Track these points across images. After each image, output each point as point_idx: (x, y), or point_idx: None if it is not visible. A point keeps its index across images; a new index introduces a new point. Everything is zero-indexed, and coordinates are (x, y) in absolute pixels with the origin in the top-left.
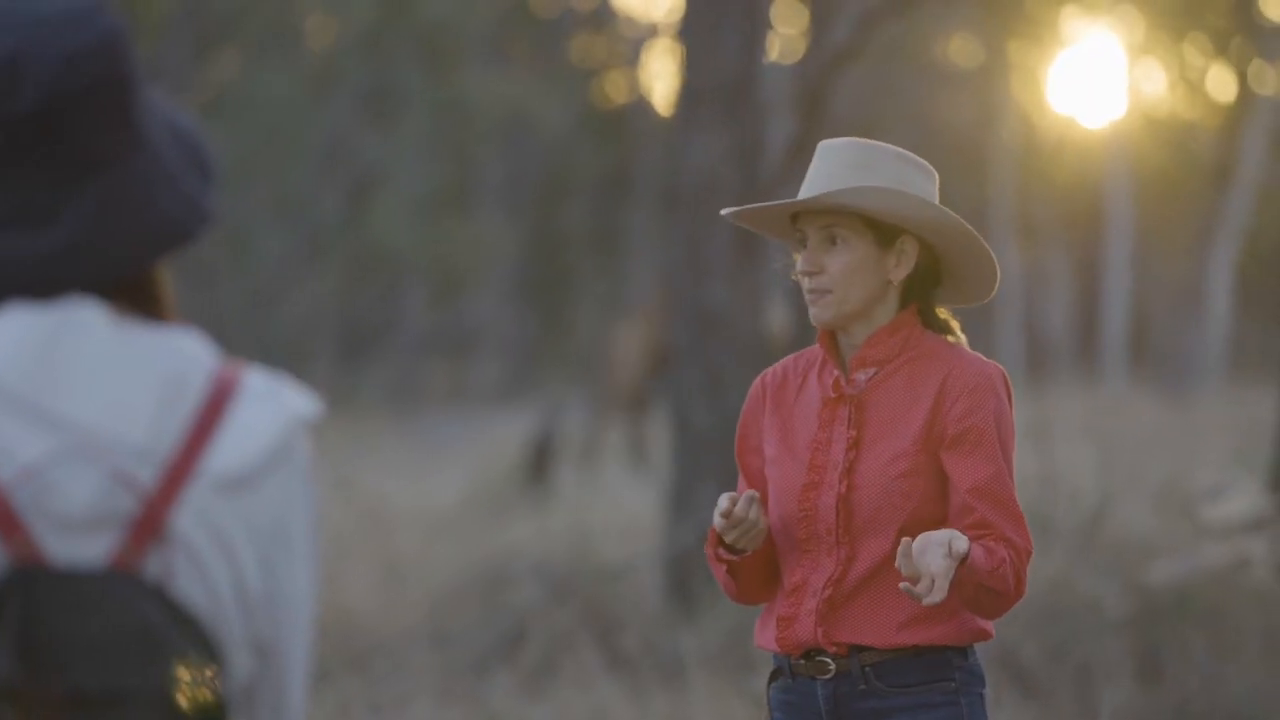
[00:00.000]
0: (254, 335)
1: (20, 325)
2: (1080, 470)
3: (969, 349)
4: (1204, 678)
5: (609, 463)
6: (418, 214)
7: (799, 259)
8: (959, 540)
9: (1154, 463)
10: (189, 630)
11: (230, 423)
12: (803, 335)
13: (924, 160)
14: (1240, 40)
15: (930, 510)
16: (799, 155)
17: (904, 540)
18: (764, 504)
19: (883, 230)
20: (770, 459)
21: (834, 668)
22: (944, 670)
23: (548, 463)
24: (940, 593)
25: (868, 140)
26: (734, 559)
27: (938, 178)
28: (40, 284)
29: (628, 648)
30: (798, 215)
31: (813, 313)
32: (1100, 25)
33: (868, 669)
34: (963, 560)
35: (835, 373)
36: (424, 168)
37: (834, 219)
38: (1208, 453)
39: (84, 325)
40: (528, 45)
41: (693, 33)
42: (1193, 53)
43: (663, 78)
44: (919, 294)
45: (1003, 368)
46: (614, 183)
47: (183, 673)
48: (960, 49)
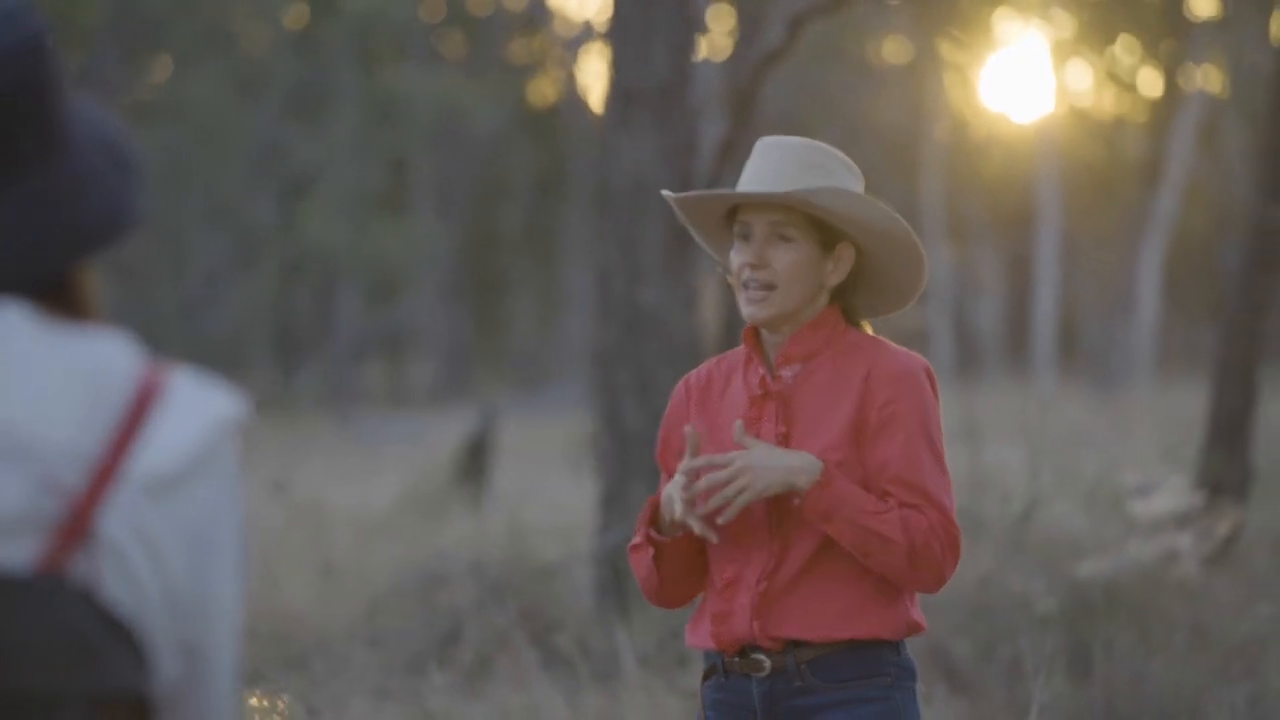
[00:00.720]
0: (189, 338)
1: None
2: (1010, 468)
3: (892, 343)
4: (1132, 672)
5: (546, 463)
6: (351, 215)
7: (738, 254)
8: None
9: (1083, 460)
10: (117, 633)
11: (156, 425)
12: (734, 337)
13: (853, 166)
14: (1168, 39)
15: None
16: (729, 155)
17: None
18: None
19: (827, 233)
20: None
21: (769, 664)
22: (878, 665)
23: (484, 463)
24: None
25: (815, 141)
26: (664, 540)
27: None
28: None
29: (563, 647)
30: (736, 211)
31: (749, 310)
32: (1031, 25)
33: (803, 665)
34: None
35: (761, 370)
36: (357, 169)
37: (784, 216)
38: (1137, 449)
39: (7, 327)
40: (461, 44)
41: (622, 34)
42: (1122, 52)
43: (597, 77)
44: (844, 296)
45: (927, 361)
46: (548, 183)
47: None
48: (891, 48)
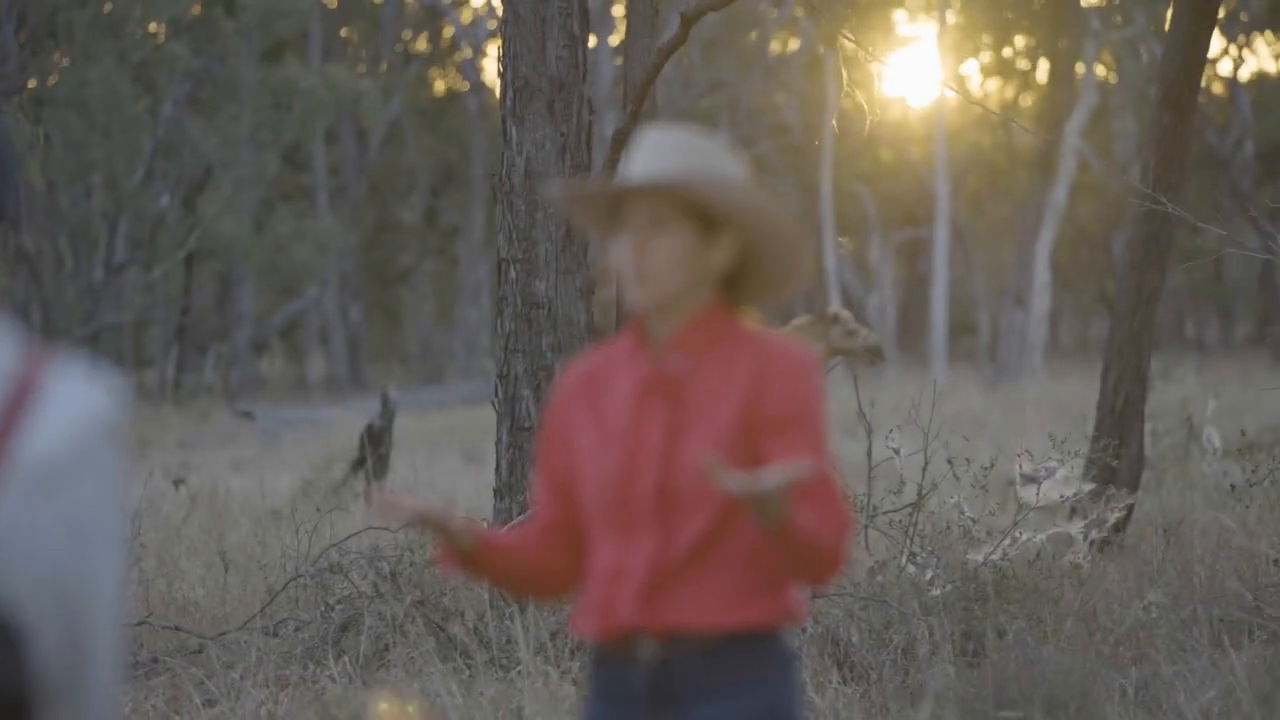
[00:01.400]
0: (91, 331)
1: None
2: (904, 456)
3: (781, 336)
4: (1023, 658)
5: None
6: (250, 208)
7: (620, 243)
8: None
9: (976, 448)
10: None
11: (34, 421)
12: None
13: (740, 154)
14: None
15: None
16: (624, 147)
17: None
18: (560, 495)
19: (708, 219)
20: (583, 449)
21: (653, 653)
22: (761, 653)
23: (382, 453)
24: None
25: (697, 129)
26: (464, 561)
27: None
28: None
29: (459, 636)
30: (622, 201)
31: (632, 296)
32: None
33: (688, 654)
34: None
35: (648, 359)
36: (254, 161)
37: (662, 204)
38: (1029, 438)
39: None
40: (359, 35)
41: (517, 27)
42: (1017, 44)
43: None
44: (731, 282)
45: (814, 351)
46: (448, 175)
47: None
48: (786, 41)
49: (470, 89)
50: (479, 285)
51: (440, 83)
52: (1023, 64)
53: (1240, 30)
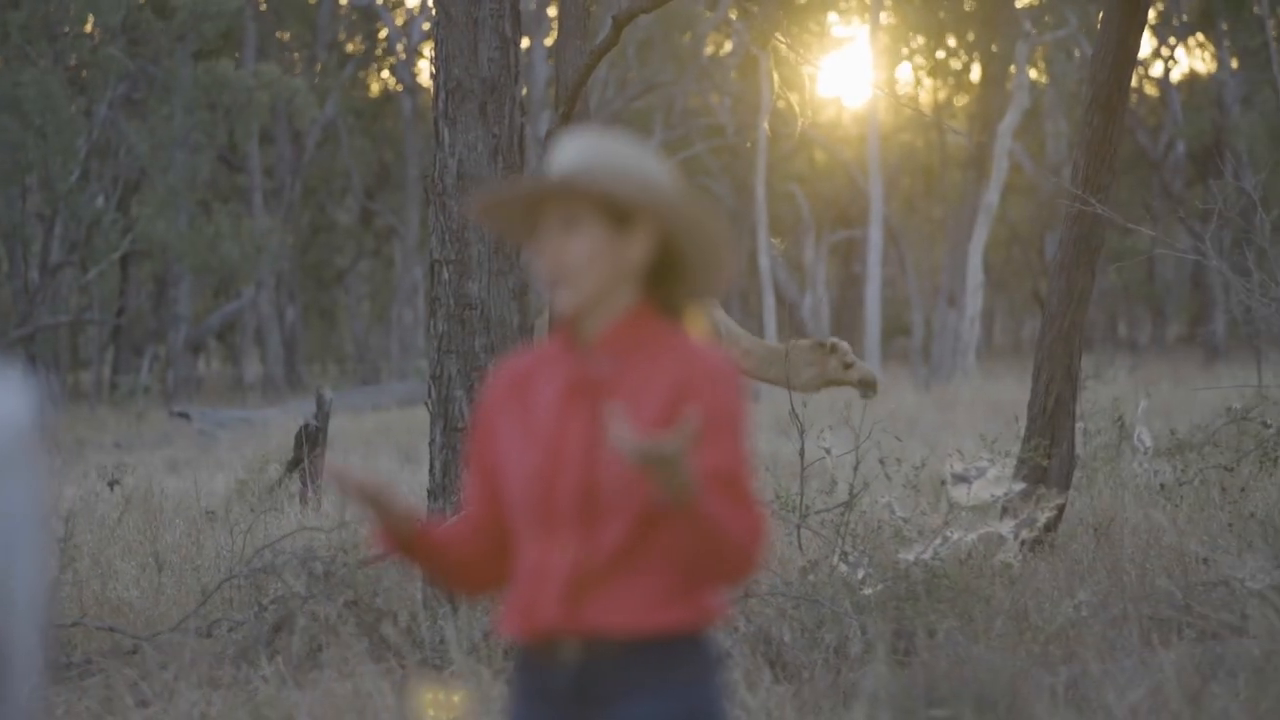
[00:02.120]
0: (27, 332)
1: None
2: (836, 456)
3: (703, 341)
4: (953, 657)
5: (379, 453)
6: (185, 209)
7: (538, 246)
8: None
9: (909, 448)
10: None
11: None
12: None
13: (659, 152)
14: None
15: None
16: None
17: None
18: (488, 495)
19: (619, 217)
20: (510, 448)
21: (576, 654)
22: (683, 655)
23: (317, 454)
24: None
25: (605, 129)
26: (399, 546)
27: (671, 170)
28: None
29: (392, 635)
30: (538, 207)
31: (552, 299)
32: (860, 18)
33: (609, 654)
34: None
35: (575, 359)
36: (190, 162)
37: (572, 204)
38: (961, 437)
39: None
40: (294, 37)
41: (449, 28)
42: (950, 45)
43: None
44: (657, 284)
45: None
46: (383, 175)
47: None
48: (721, 42)
49: (405, 90)
50: (415, 286)
51: (375, 84)
52: (955, 65)
53: (1171, 33)
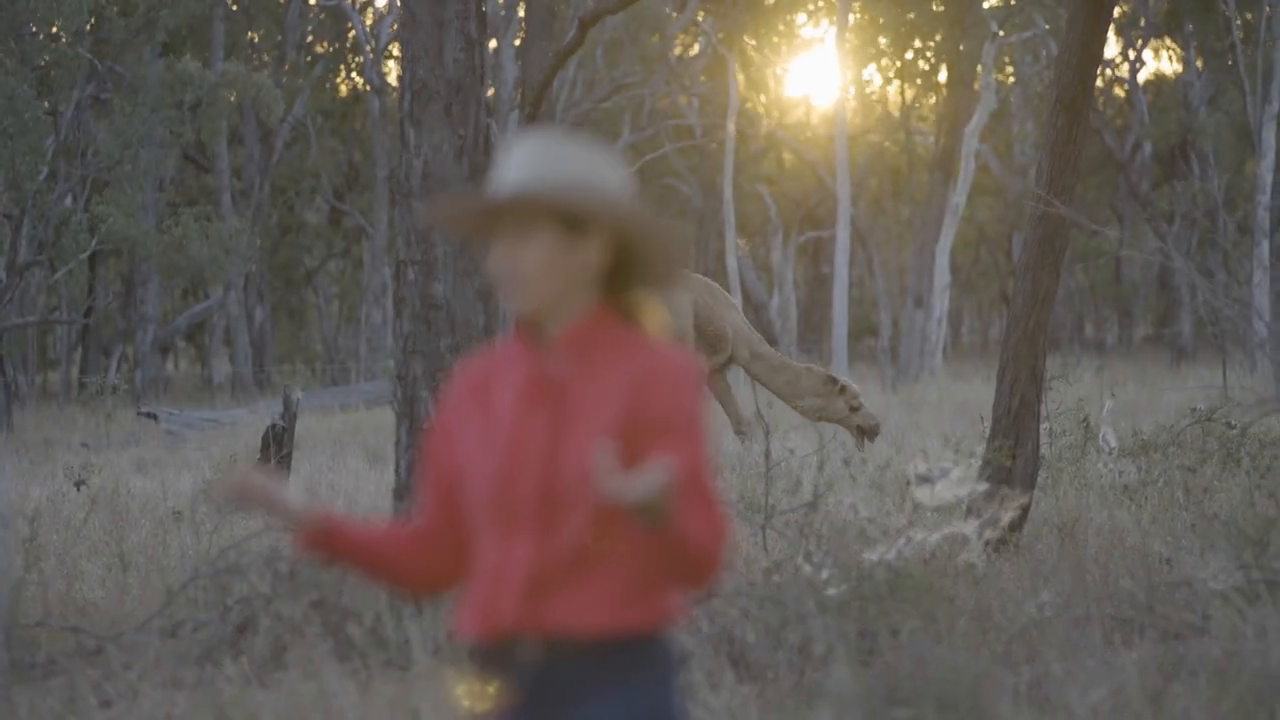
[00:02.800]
0: None
1: None
2: (800, 455)
3: (662, 341)
4: (916, 657)
5: (347, 454)
6: (155, 208)
7: (495, 250)
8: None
9: (875, 448)
10: None
11: None
12: None
13: (626, 153)
14: (962, 34)
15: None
16: None
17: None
18: (447, 495)
19: (572, 223)
20: (469, 449)
21: (534, 654)
22: (642, 655)
23: (284, 454)
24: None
25: (560, 134)
26: (314, 544)
27: (626, 173)
28: None
29: (356, 636)
30: (495, 211)
31: (510, 303)
32: (828, 19)
33: (568, 655)
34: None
35: (534, 360)
36: (158, 161)
37: (525, 212)
38: (926, 438)
39: None
40: (264, 37)
41: (415, 29)
42: (917, 46)
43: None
44: (614, 285)
45: (696, 362)
46: (352, 176)
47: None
48: (690, 43)
49: (373, 91)
50: (383, 287)
51: (344, 85)
52: (923, 66)
53: (1138, 34)
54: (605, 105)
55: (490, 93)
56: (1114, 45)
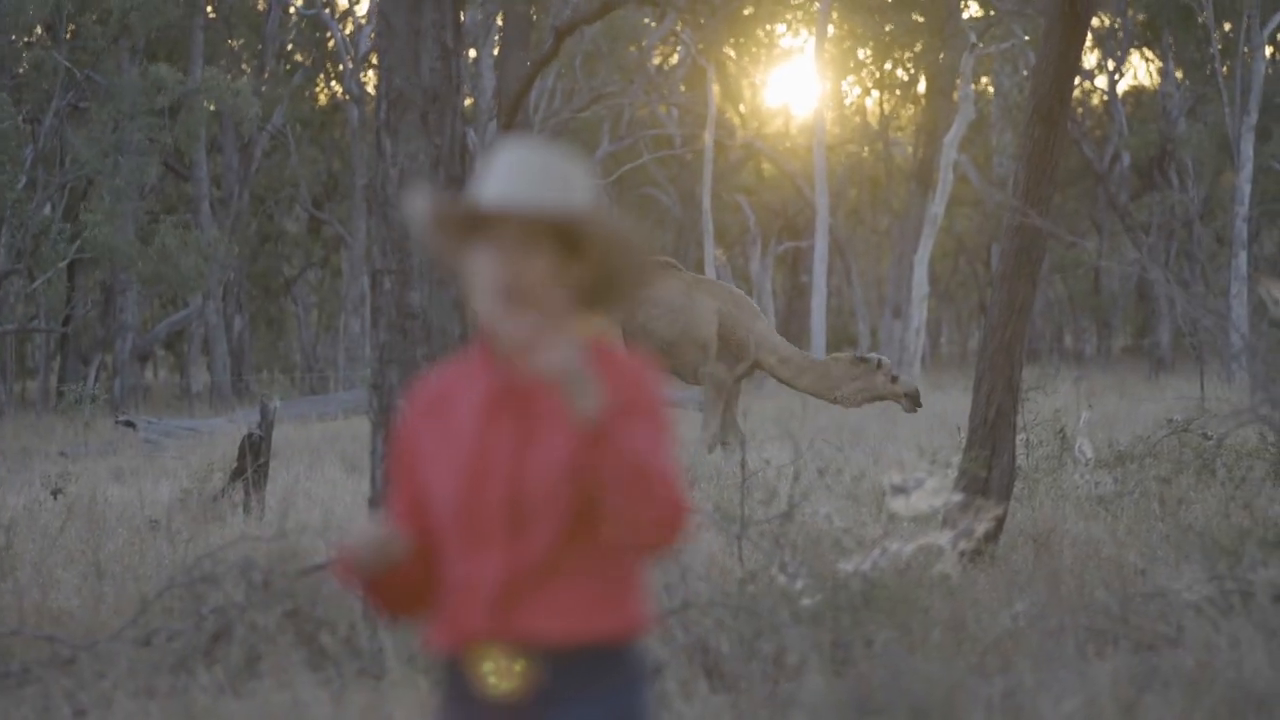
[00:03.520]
0: None
1: None
2: (776, 466)
3: (618, 349)
4: (890, 667)
5: (324, 463)
6: (134, 216)
7: (485, 261)
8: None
9: (851, 458)
10: None
11: None
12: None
13: (606, 162)
14: (941, 45)
15: (594, 502)
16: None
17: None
18: (416, 510)
19: (568, 241)
20: (434, 462)
21: (504, 663)
22: (611, 664)
23: (261, 463)
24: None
25: (552, 148)
26: (371, 581)
27: (595, 183)
28: None
29: (330, 645)
30: (482, 220)
31: (500, 314)
32: (808, 30)
33: (539, 663)
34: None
35: (497, 372)
36: (137, 169)
37: (531, 226)
38: (902, 447)
39: None
40: (243, 46)
41: (391, 38)
42: (896, 57)
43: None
44: (582, 298)
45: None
46: (331, 184)
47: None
48: (669, 53)
49: (352, 100)
50: (362, 296)
51: (323, 94)
52: (902, 77)
53: (1117, 45)
54: (584, 115)
55: (468, 102)
56: (1093, 56)
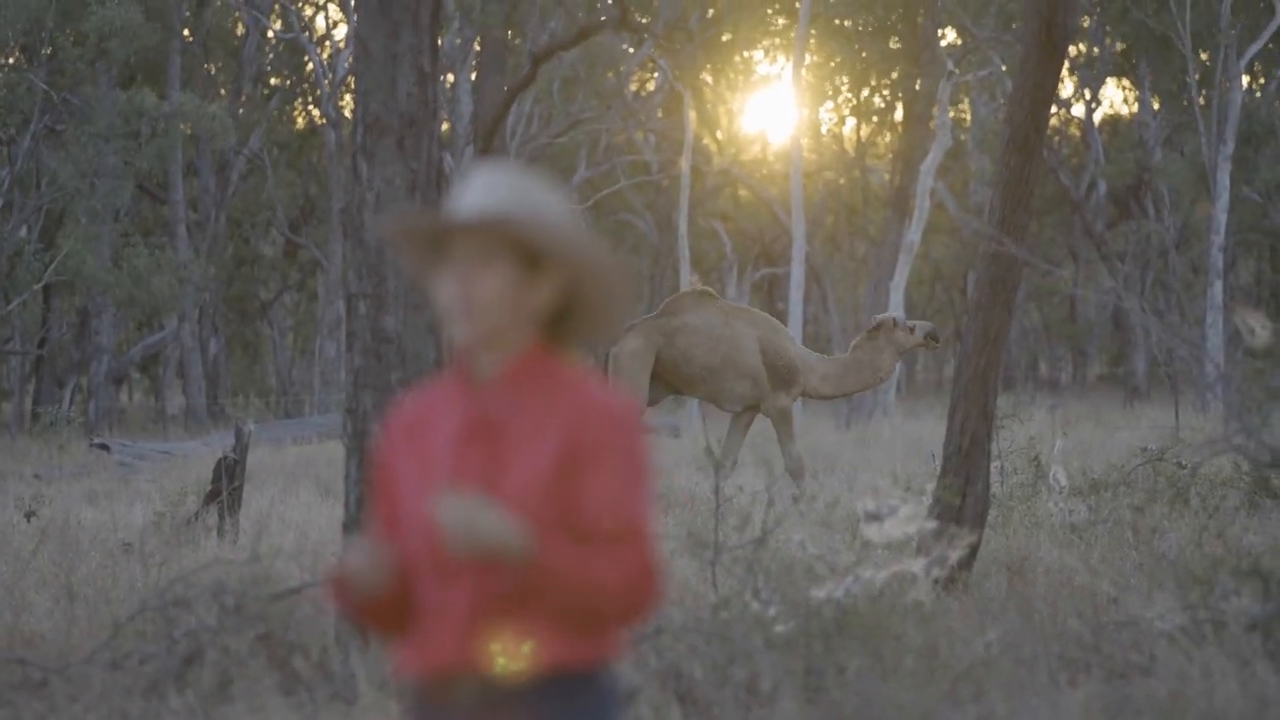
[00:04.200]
0: None
1: None
2: (750, 492)
3: (597, 382)
4: (863, 695)
5: (299, 487)
6: (109, 239)
7: (445, 278)
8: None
9: (826, 485)
10: None
11: None
12: None
13: (565, 195)
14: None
15: (561, 531)
16: None
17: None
18: (395, 533)
19: (531, 258)
20: (408, 490)
21: (473, 690)
22: (580, 691)
23: (235, 486)
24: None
25: (520, 168)
26: (363, 604)
27: (574, 216)
28: None
29: (302, 669)
30: (449, 238)
31: (456, 332)
32: (785, 56)
33: (508, 689)
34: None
35: (471, 399)
36: (113, 192)
37: (488, 240)
38: (878, 474)
39: None
40: (220, 69)
41: (368, 63)
42: (873, 84)
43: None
44: (554, 324)
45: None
46: (308, 208)
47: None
48: (646, 79)
49: (329, 124)
50: (338, 320)
51: (300, 118)
52: (879, 104)
53: (1094, 74)
54: (561, 140)
55: (445, 127)
56: (1070, 84)
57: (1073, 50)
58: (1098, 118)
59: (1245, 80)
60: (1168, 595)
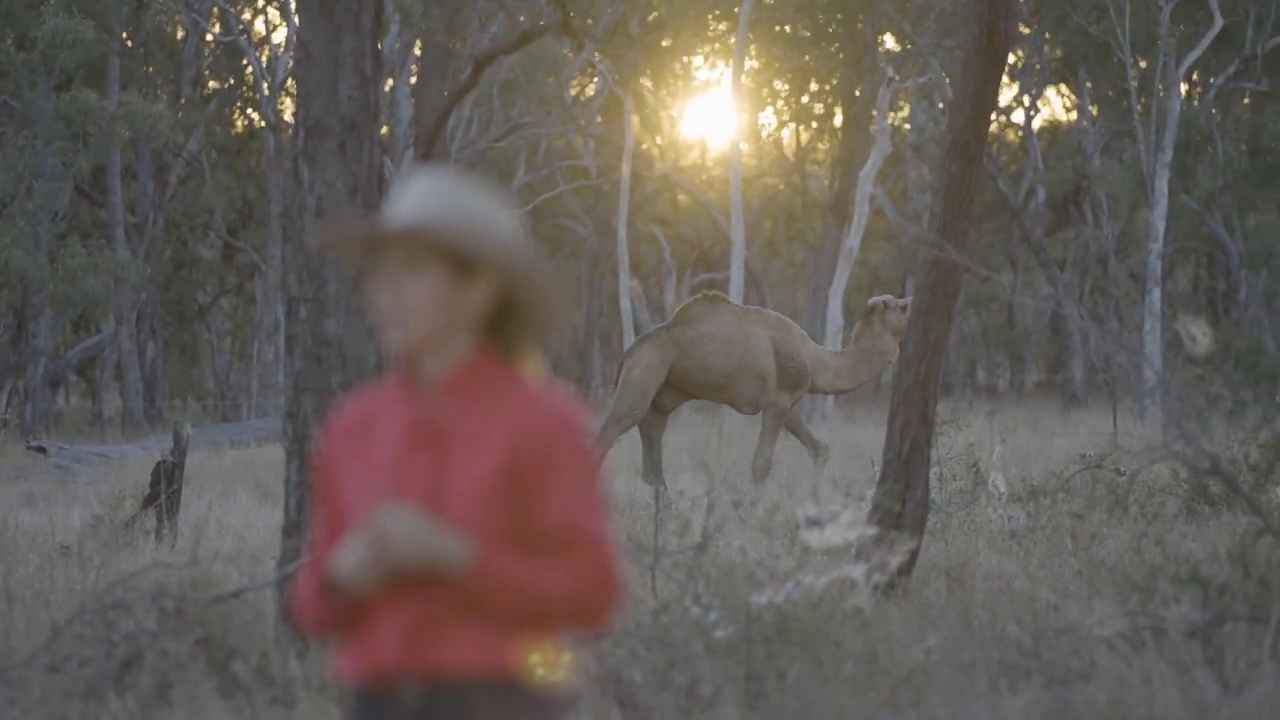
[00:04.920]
0: None
1: None
2: (690, 498)
3: (543, 386)
4: (802, 700)
5: (238, 491)
6: (46, 240)
7: (379, 285)
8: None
9: (765, 490)
10: None
11: None
12: None
13: (504, 199)
14: (858, 78)
15: (508, 538)
16: None
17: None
18: (339, 536)
19: (461, 264)
20: (351, 493)
21: (414, 695)
22: (522, 697)
23: (174, 490)
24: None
25: (454, 175)
26: (344, 607)
27: (516, 218)
28: None
29: (242, 673)
30: (384, 245)
31: (390, 338)
32: (724, 62)
33: (448, 696)
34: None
35: (415, 404)
36: (51, 192)
37: (416, 248)
38: (816, 480)
39: None
40: (159, 71)
41: (309, 66)
42: (813, 90)
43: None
44: (497, 329)
45: (578, 406)
46: (247, 212)
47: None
48: (585, 83)
49: (269, 127)
50: (276, 323)
51: (240, 121)
52: (819, 110)
53: (1034, 81)
54: (500, 145)
55: (385, 131)
56: (1010, 91)
57: (1012, 57)
58: (1036, 124)
59: (1184, 88)
60: (1107, 602)
